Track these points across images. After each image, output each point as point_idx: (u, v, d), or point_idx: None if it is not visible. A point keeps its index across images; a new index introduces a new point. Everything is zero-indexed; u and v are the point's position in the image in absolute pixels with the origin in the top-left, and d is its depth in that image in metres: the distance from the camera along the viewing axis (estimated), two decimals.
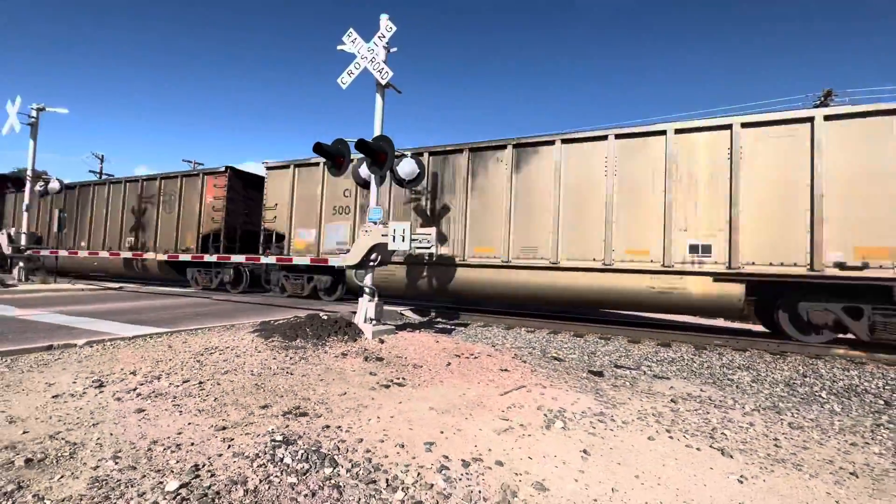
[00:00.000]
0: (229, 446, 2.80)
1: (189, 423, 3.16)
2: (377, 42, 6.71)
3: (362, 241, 6.70)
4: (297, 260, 11.01)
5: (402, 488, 2.42)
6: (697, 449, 3.34)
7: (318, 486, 2.37)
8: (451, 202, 9.83)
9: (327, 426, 3.26)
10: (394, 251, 6.73)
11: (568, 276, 8.51)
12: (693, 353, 6.69)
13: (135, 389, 3.88)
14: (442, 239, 9.74)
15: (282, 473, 2.47)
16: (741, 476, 2.90)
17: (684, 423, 3.92)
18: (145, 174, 15.37)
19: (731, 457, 3.23)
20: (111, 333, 6.07)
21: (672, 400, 4.68)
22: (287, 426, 3.20)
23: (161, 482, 2.30)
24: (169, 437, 2.90)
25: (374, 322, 6.65)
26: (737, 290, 7.26)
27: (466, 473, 2.67)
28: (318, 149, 6.81)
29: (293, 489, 2.33)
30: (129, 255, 14.31)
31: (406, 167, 7.29)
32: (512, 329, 8.38)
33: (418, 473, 2.61)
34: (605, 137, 8.47)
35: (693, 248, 7.61)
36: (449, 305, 11.36)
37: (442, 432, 3.29)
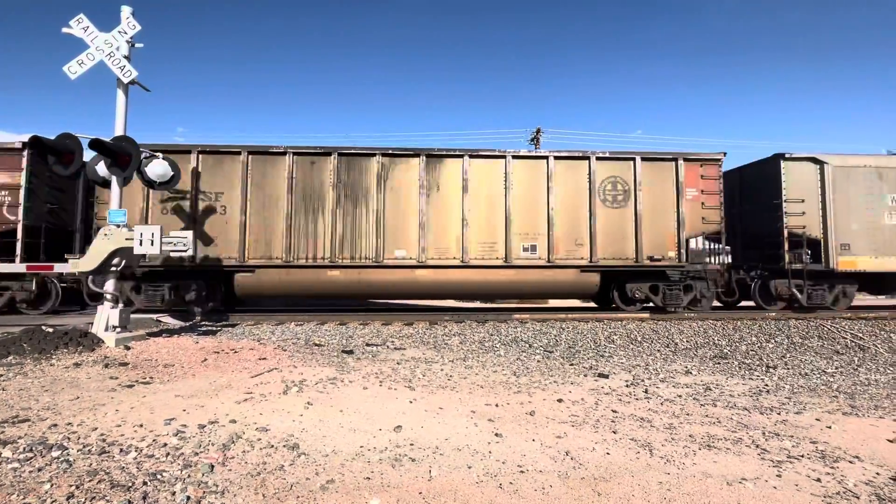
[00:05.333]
0: None
1: None
2: (117, 36, 6.33)
3: (100, 245, 6.21)
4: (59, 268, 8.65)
5: (136, 450, 2.94)
6: (395, 390, 4.75)
7: (45, 464, 2.68)
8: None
9: (55, 425, 3.38)
10: (141, 256, 6.48)
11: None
12: (426, 328, 8.61)
13: None
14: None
15: (2, 464, 2.67)
16: (413, 399, 4.39)
17: (396, 376, 5.37)
18: None
19: (414, 390, 4.75)
20: None
21: (397, 363, 6.18)
22: (2, 433, 3.21)
23: None
24: None
25: (118, 330, 6.30)
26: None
27: (201, 432, 3.33)
28: (37, 143, 5.98)
29: (16, 471, 2.59)
30: None
31: (157, 168, 7.04)
32: (282, 324, 8.94)
33: (154, 440, 3.14)
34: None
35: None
36: (224, 308, 11.00)
37: (184, 410, 3.81)
